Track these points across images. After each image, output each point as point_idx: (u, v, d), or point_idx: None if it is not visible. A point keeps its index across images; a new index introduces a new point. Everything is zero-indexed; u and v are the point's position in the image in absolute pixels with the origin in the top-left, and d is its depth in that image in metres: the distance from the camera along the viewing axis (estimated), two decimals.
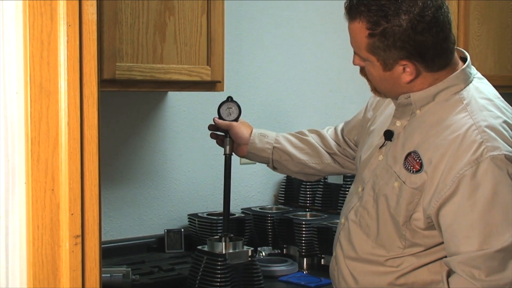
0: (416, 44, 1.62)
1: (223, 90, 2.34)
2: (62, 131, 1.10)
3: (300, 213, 2.74)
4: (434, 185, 1.62)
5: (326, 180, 2.82)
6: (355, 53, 1.73)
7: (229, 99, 2.17)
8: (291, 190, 2.95)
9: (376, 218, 1.75)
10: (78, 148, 1.11)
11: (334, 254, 1.89)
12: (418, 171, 1.66)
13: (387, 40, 1.62)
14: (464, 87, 1.70)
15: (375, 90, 1.80)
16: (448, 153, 1.61)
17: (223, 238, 2.14)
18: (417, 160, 1.67)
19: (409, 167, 1.68)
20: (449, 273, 1.62)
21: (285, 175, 2.90)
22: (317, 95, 3.15)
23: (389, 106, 1.88)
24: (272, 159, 2.13)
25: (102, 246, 1.17)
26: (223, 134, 2.15)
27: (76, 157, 1.11)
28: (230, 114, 2.15)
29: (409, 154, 1.69)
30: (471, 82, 1.73)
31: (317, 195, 2.86)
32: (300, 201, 2.90)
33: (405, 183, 1.67)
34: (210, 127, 2.17)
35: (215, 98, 2.36)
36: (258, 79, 2.96)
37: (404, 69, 1.67)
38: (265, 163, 2.18)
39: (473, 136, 1.60)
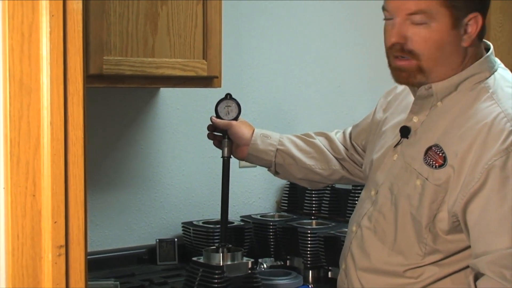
0: None
1: (220, 86, 2.34)
2: (45, 131, 1.10)
3: (305, 221, 2.74)
4: (461, 179, 1.63)
5: (334, 185, 2.83)
6: (408, 16, 1.67)
7: (228, 96, 2.17)
8: (295, 196, 2.95)
9: (393, 222, 1.75)
10: (62, 150, 1.11)
11: (343, 266, 1.88)
12: (441, 165, 1.66)
13: None
14: (489, 76, 1.73)
15: (419, 70, 1.70)
16: (476, 144, 1.62)
17: (220, 249, 2.14)
18: (440, 154, 1.67)
19: (431, 162, 1.68)
20: (477, 276, 1.61)
21: None
22: (323, 91, 3.15)
23: (402, 105, 1.88)
24: (275, 162, 2.13)
25: (88, 257, 1.17)
26: (221, 135, 2.15)
27: (59, 160, 1.11)
28: (229, 113, 2.15)
29: (429, 148, 1.70)
30: (496, 70, 1.75)
31: (323, 201, 2.86)
32: (305, 208, 2.90)
33: (427, 179, 1.68)
34: (210, 128, 2.16)
35: (212, 95, 2.36)
36: (259, 74, 2.97)
37: (466, 30, 1.68)
38: (267, 167, 2.17)
39: (501, 125, 1.62)
